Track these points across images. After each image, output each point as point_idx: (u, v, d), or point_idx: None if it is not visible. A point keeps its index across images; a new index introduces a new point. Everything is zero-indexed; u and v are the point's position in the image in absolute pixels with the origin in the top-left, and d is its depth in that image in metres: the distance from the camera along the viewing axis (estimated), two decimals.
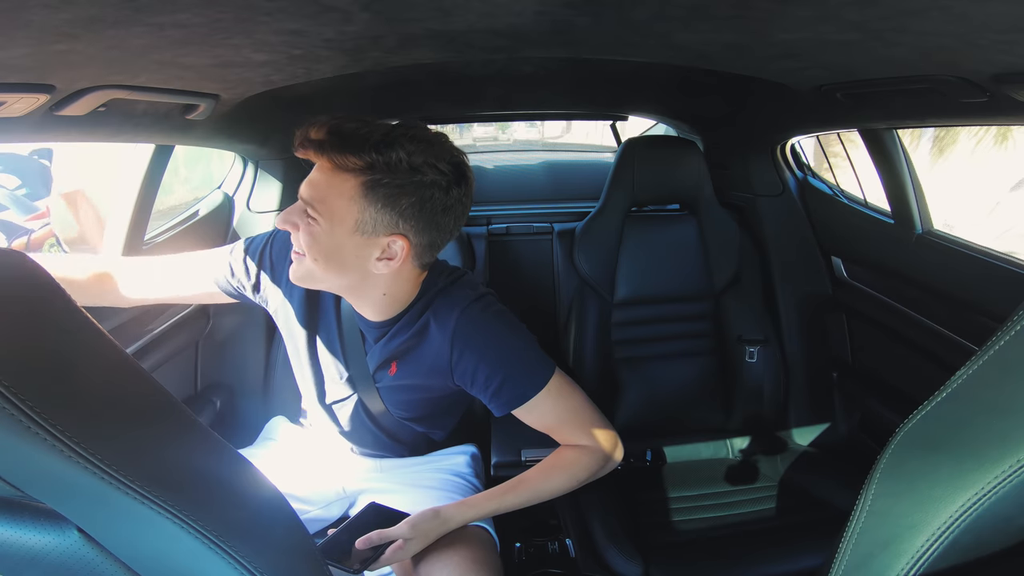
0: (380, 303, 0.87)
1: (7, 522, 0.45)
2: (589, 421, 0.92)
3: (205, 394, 1.39)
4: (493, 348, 0.87)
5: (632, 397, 1.50)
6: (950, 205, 5.05)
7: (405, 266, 0.81)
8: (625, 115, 2.05)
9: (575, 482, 0.91)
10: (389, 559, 0.82)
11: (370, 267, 0.78)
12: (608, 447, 0.93)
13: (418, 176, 0.74)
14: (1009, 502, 0.40)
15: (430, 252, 0.83)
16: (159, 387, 0.46)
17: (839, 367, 1.54)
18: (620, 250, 1.51)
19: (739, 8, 0.65)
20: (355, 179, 0.73)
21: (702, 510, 1.32)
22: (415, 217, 0.76)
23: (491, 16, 0.71)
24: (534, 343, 0.91)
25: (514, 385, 0.87)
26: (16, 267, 0.39)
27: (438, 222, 0.78)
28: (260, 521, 0.53)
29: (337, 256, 0.77)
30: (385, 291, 0.85)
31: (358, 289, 0.84)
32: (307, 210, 0.76)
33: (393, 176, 0.73)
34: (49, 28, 0.55)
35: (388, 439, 1.03)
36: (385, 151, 0.71)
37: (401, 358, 0.91)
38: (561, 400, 0.90)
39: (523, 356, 0.89)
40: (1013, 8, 0.54)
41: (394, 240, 0.76)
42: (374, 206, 0.74)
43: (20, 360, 0.36)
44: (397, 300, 0.88)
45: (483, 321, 0.87)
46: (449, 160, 0.77)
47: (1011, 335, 0.37)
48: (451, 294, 0.89)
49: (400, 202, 0.74)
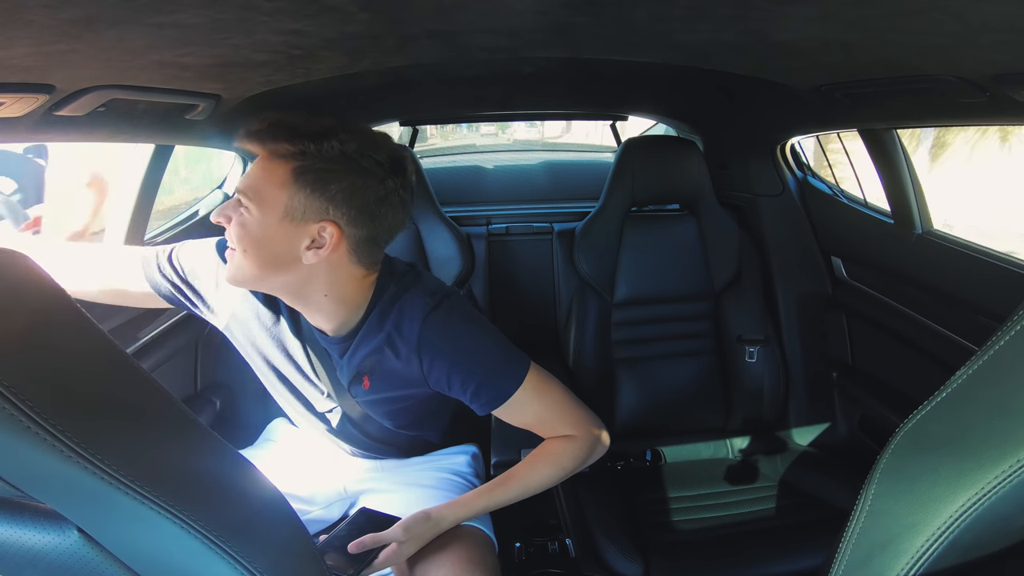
0: (327, 309, 0.84)
1: (7, 522, 0.45)
2: (570, 411, 0.92)
3: (205, 394, 1.39)
4: (463, 354, 0.85)
5: (632, 397, 1.50)
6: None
7: (341, 260, 0.79)
8: (625, 115, 2.05)
9: (563, 472, 0.90)
10: (383, 563, 0.81)
11: (301, 257, 0.76)
12: (593, 433, 0.92)
13: (350, 163, 0.73)
14: (1009, 502, 0.40)
15: (368, 247, 0.80)
16: (159, 387, 0.46)
17: (839, 367, 1.54)
18: (620, 250, 1.51)
19: (739, 8, 0.65)
20: (286, 165, 0.73)
21: (702, 510, 1.32)
22: (346, 204, 0.74)
23: (491, 16, 0.71)
24: (504, 341, 0.90)
25: (491, 387, 0.86)
26: (16, 267, 0.39)
27: (373, 212, 0.76)
28: (260, 521, 0.53)
29: (266, 246, 0.75)
30: (326, 291, 0.81)
31: (298, 291, 0.81)
32: (240, 200, 0.75)
33: (324, 162, 0.72)
34: (49, 28, 0.55)
35: (382, 444, 1.03)
36: (318, 139, 0.71)
37: (372, 373, 0.89)
38: (540, 394, 0.89)
39: (495, 357, 0.87)
40: (1013, 8, 0.54)
41: (323, 227, 0.74)
42: (303, 191, 0.73)
43: (20, 360, 0.36)
44: (344, 304, 0.84)
45: (447, 328, 0.85)
46: (388, 152, 0.76)
47: (1011, 335, 0.37)
48: (408, 303, 0.86)
49: (329, 187, 0.73)
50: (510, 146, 3.52)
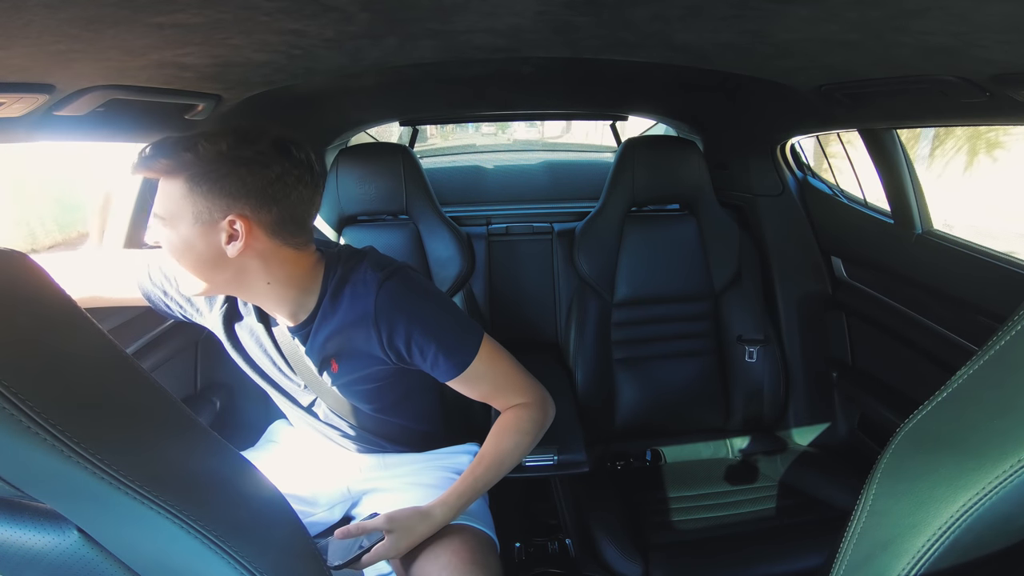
0: (277, 295, 0.88)
1: (7, 522, 0.45)
2: (521, 378, 0.96)
3: (205, 394, 1.39)
4: (419, 320, 0.89)
5: (632, 397, 1.50)
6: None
7: (266, 246, 0.82)
8: (625, 115, 2.05)
9: (529, 438, 0.94)
10: (375, 556, 0.83)
11: (225, 251, 0.80)
12: (543, 397, 0.97)
13: (232, 159, 0.77)
14: (1010, 502, 0.40)
15: (286, 227, 0.83)
16: (159, 387, 0.46)
17: (839, 367, 1.54)
18: (620, 250, 1.51)
19: (739, 8, 0.65)
20: (179, 179, 0.77)
21: (702, 510, 1.32)
22: (243, 194, 0.78)
23: (491, 16, 0.71)
24: (458, 310, 0.95)
25: (448, 354, 0.89)
26: (16, 268, 0.39)
27: (273, 194, 0.80)
28: (260, 521, 0.53)
29: (191, 252, 0.80)
30: (267, 279, 0.85)
31: (242, 285, 0.86)
32: (159, 221, 0.81)
33: (208, 165, 0.77)
34: (49, 28, 0.55)
35: (373, 435, 1.03)
36: (191, 147, 0.76)
37: (338, 355, 0.92)
38: (494, 362, 0.93)
39: (451, 323, 0.91)
40: (1013, 8, 0.54)
41: (232, 220, 0.79)
42: (202, 196, 0.77)
43: (20, 360, 0.36)
44: (292, 288, 0.88)
45: (402, 297, 0.89)
46: (266, 141, 0.79)
47: (1011, 335, 0.37)
48: (359, 279, 0.90)
49: (222, 185, 0.77)
50: (510, 146, 3.52)
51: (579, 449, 1.05)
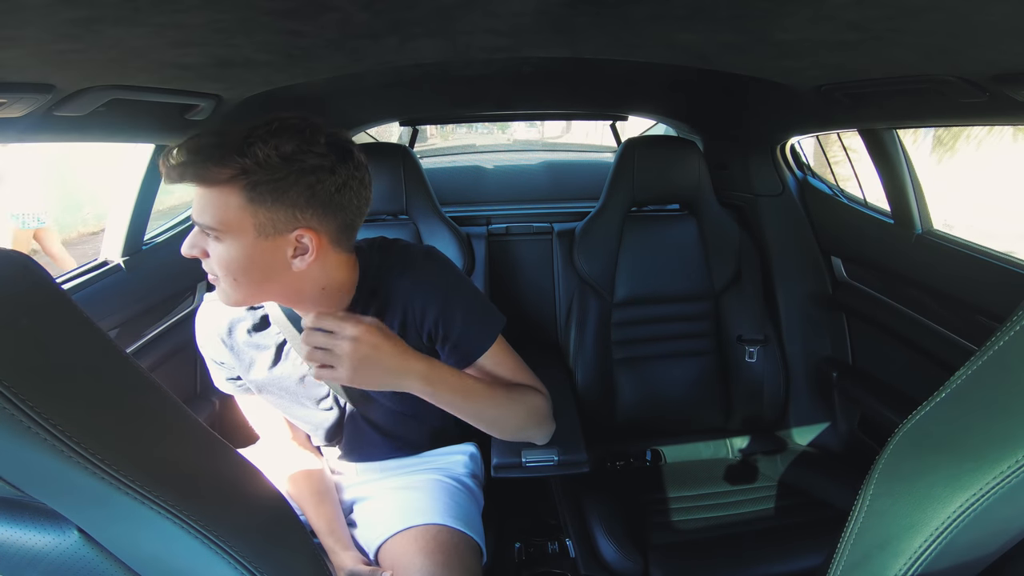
0: (326, 300, 0.84)
1: (7, 522, 0.46)
2: (531, 373, 0.94)
3: (205, 394, 1.39)
4: (451, 297, 0.87)
5: (632, 397, 1.50)
6: None
7: (327, 253, 0.78)
8: (625, 115, 2.05)
9: (534, 412, 0.89)
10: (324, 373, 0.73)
11: (290, 265, 0.76)
12: (549, 396, 0.94)
13: (295, 165, 0.71)
14: (1008, 503, 0.40)
15: (347, 234, 0.80)
16: (159, 387, 0.46)
17: (839, 367, 1.54)
18: (620, 250, 1.51)
19: (739, 8, 0.65)
20: (233, 188, 0.70)
21: (702, 510, 1.32)
22: (311, 206, 0.73)
23: (491, 16, 0.71)
24: (483, 294, 0.93)
25: (472, 335, 0.87)
26: (17, 268, 0.39)
27: (338, 203, 0.75)
28: (260, 521, 0.53)
29: (253, 268, 0.74)
30: (323, 285, 0.81)
31: (296, 293, 0.81)
32: (208, 233, 0.74)
33: (269, 172, 0.70)
34: (49, 28, 0.55)
35: (390, 439, 1.03)
36: (249, 151, 0.68)
37: None
38: (511, 354, 0.92)
39: (478, 305, 0.90)
40: (1013, 8, 0.54)
41: (300, 234, 0.74)
42: (264, 207, 0.71)
43: (20, 360, 0.36)
44: (340, 290, 0.85)
45: (436, 274, 0.88)
46: (326, 142, 0.74)
47: (1011, 335, 0.37)
48: (396, 262, 0.87)
49: (288, 195, 0.71)
50: (510, 146, 3.52)
51: (579, 449, 1.05)
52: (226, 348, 0.94)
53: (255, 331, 0.93)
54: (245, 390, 1.00)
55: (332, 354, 0.72)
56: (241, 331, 0.93)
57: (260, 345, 0.94)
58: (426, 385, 0.78)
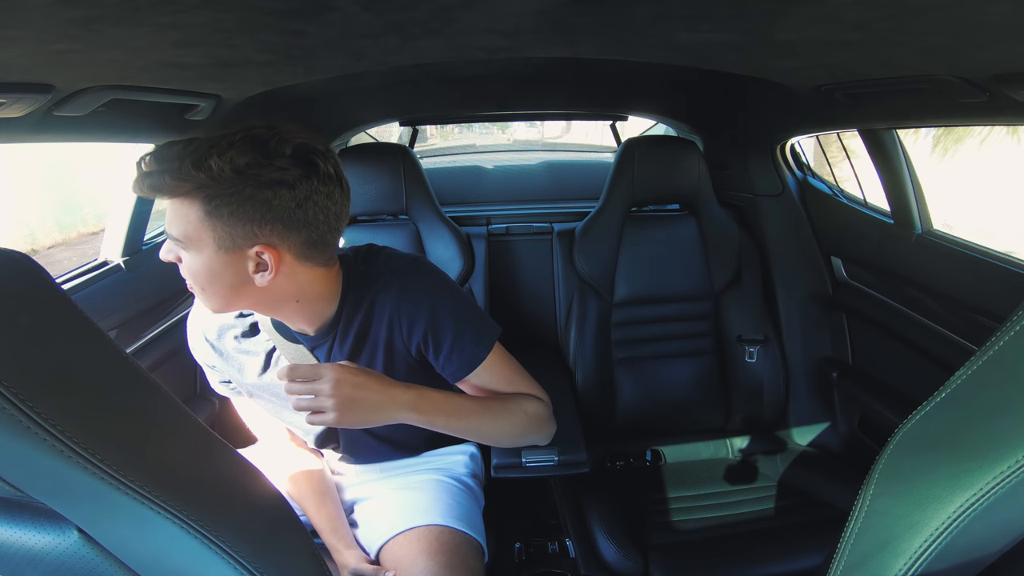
0: (305, 312, 0.83)
1: (7, 522, 0.46)
2: (531, 380, 0.92)
3: (205, 394, 1.39)
4: (440, 308, 0.84)
5: (632, 397, 1.50)
6: None
7: (295, 269, 0.76)
8: (625, 115, 2.05)
9: (530, 419, 0.89)
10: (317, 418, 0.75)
11: (253, 280, 0.74)
12: (549, 403, 0.92)
13: (251, 179, 0.68)
14: (1008, 503, 0.40)
15: (315, 249, 0.76)
16: (159, 387, 0.46)
17: (839, 367, 1.54)
18: (620, 250, 1.51)
19: (739, 8, 0.65)
20: (193, 201, 0.69)
21: (702, 510, 1.32)
22: (268, 221, 0.70)
23: (491, 16, 0.71)
24: (475, 304, 0.90)
25: (465, 346, 0.85)
26: (17, 267, 0.39)
27: (300, 219, 0.71)
28: (260, 521, 0.53)
29: (217, 279, 0.73)
30: (297, 298, 0.80)
31: (270, 306, 0.81)
32: (176, 244, 0.73)
33: (225, 186, 0.67)
34: (49, 28, 0.55)
35: (388, 444, 1.03)
36: (203, 165, 0.66)
37: (363, 356, 0.88)
38: (507, 362, 0.89)
39: (470, 315, 0.87)
40: (1013, 8, 0.54)
41: (259, 251, 0.71)
42: (221, 221, 0.69)
43: (20, 360, 0.36)
44: (320, 302, 0.83)
45: (423, 284, 0.85)
46: (292, 154, 0.69)
47: (1010, 335, 0.37)
48: (381, 274, 0.85)
49: (244, 210, 0.68)
50: (510, 146, 3.52)
51: (579, 449, 1.05)
52: (215, 353, 0.93)
53: (244, 338, 0.92)
54: (238, 393, 1.00)
55: (318, 400, 0.73)
56: (230, 337, 0.92)
57: (249, 352, 0.92)
58: (416, 414, 0.78)
